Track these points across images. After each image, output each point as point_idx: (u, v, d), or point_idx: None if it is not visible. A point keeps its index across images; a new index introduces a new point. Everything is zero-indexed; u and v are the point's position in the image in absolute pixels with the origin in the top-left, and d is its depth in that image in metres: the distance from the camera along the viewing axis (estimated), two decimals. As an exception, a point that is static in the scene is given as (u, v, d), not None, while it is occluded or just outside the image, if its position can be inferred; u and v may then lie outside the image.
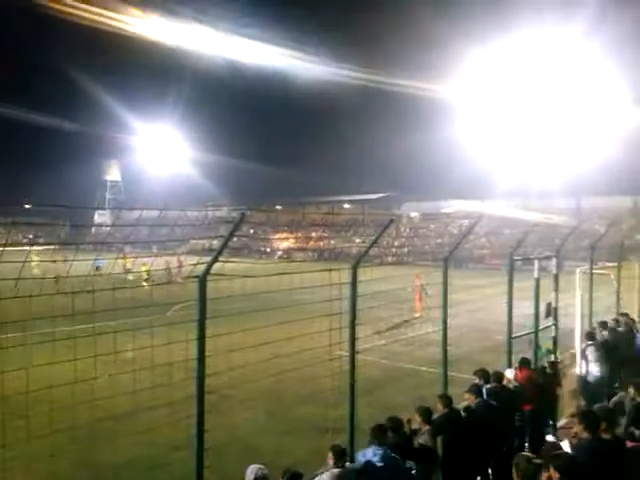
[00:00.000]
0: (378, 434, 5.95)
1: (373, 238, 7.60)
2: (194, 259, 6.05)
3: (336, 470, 5.71)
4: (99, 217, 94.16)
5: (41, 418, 7.87)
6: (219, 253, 5.72)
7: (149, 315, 7.70)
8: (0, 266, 4.74)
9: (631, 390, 7.55)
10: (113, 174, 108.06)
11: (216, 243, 5.96)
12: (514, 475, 4.48)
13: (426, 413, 6.76)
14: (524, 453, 5.21)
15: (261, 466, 5.12)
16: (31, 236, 78.17)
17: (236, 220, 5.65)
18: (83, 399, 7.46)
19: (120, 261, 26.38)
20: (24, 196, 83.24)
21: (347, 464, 5.93)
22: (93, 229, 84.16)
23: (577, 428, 5.50)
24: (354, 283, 7.24)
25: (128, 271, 29.63)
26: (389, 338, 17.45)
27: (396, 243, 55.04)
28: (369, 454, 5.87)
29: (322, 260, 48.79)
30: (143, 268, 30.12)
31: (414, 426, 6.74)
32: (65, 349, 6.23)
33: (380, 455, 5.80)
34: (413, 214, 73.61)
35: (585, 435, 5.28)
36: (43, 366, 5.97)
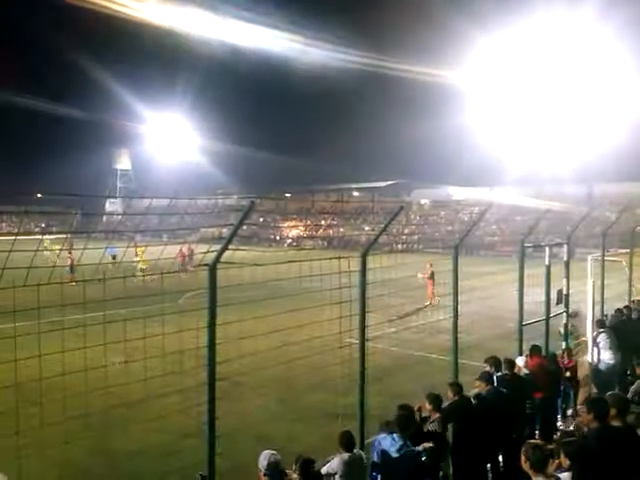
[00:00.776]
0: (403, 423, 5.94)
1: (382, 226, 7.57)
2: (204, 247, 6.06)
3: (346, 455, 5.75)
4: (110, 206, 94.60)
5: (54, 405, 7.95)
6: (229, 241, 5.73)
7: (160, 303, 7.74)
8: (13, 255, 4.76)
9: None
10: (123, 163, 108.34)
11: (226, 231, 5.96)
12: (523, 463, 4.48)
13: (436, 400, 6.77)
14: (533, 441, 5.20)
15: (274, 452, 5.16)
16: (43, 225, 78.73)
17: (245, 208, 5.65)
18: (96, 387, 7.53)
19: (132, 249, 26.47)
20: (35, 185, 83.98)
21: (356, 450, 5.97)
22: (104, 218, 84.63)
23: (584, 416, 5.48)
24: (364, 271, 7.23)
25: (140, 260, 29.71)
26: (399, 326, 17.45)
27: (406, 231, 54.91)
28: (387, 443, 5.87)
29: (331, 248, 48.80)
30: (138, 258, 27.69)
31: (424, 414, 6.76)
32: (76, 337, 6.28)
33: (399, 445, 5.79)
34: (423, 201, 73.32)
35: (594, 423, 5.26)
36: (55, 354, 6.02)
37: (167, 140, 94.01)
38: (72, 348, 6.05)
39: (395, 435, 5.84)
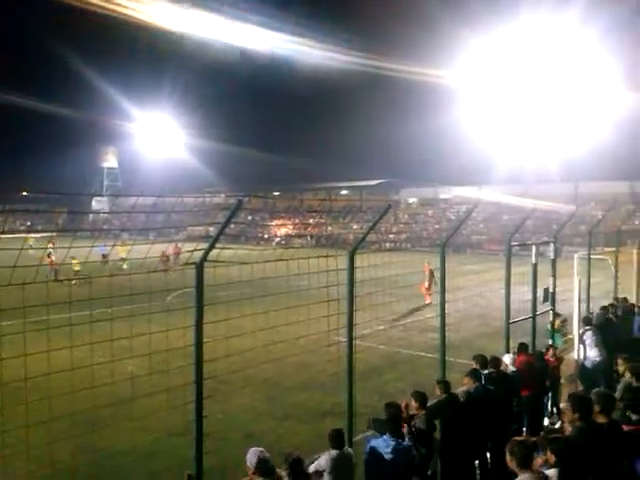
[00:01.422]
0: (393, 425, 5.94)
1: (370, 224, 7.58)
2: (191, 246, 6.03)
3: (334, 452, 5.76)
4: (97, 204, 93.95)
5: (40, 405, 7.88)
6: (216, 240, 5.71)
7: (147, 302, 7.69)
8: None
9: (627, 373, 7.61)
10: (110, 161, 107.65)
11: (213, 230, 5.94)
12: (509, 461, 4.50)
13: (421, 398, 6.79)
14: (517, 437, 5.23)
15: (262, 449, 5.14)
16: (29, 223, 78.02)
17: (233, 206, 5.63)
18: (82, 386, 7.44)
19: (119, 248, 26.28)
20: (21, 183, 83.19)
21: (345, 448, 5.97)
22: (90, 216, 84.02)
23: (568, 414, 5.52)
24: (351, 269, 7.24)
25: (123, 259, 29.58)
26: (387, 324, 17.48)
27: (394, 229, 55.11)
28: (378, 444, 5.86)
29: (320, 246, 48.78)
30: (74, 261, 25.01)
31: (411, 411, 6.77)
32: (62, 336, 6.22)
33: (392, 447, 5.79)
34: (411, 200, 73.56)
35: (578, 422, 5.31)
36: (41, 354, 5.96)
37: (154, 138, 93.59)
38: (58, 347, 5.99)
39: (386, 437, 5.84)
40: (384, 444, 5.81)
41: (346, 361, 7.24)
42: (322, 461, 5.72)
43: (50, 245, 25.50)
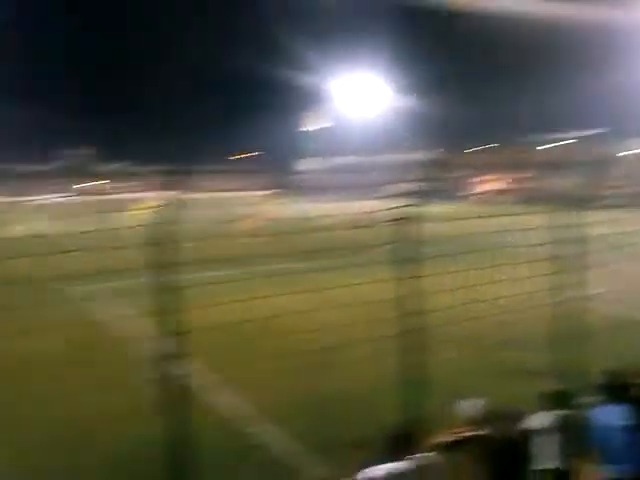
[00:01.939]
0: (619, 391, 5.61)
1: (590, 178, 7.03)
2: (393, 203, 6.18)
3: (557, 412, 5.56)
4: (305, 165, 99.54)
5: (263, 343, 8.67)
6: (418, 196, 5.79)
7: (356, 256, 8.11)
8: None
9: None
10: (316, 122, 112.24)
11: (414, 186, 6.02)
12: None
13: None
14: None
15: (480, 401, 5.14)
16: (244, 184, 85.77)
17: (434, 163, 5.64)
18: (296, 330, 8.06)
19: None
20: (234, 146, 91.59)
21: (567, 409, 5.75)
22: (301, 176, 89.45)
23: None
24: (578, 226, 6.86)
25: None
26: (616, 286, 15.98)
27: (618, 184, 49.83)
28: (608, 412, 5.56)
29: (529, 203, 46.06)
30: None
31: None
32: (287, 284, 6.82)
33: (619, 413, 5.46)
34: (631, 152, 65.53)
35: None
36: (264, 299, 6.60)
37: (358, 97, 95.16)
38: (280, 294, 6.60)
39: (616, 405, 5.50)
40: (612, 411, 5.49)
41: (558, 321, 6.91)
42: (544, 419, 5.56)
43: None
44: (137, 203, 45.42)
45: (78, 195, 79.05)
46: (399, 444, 4.17)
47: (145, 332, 11.24)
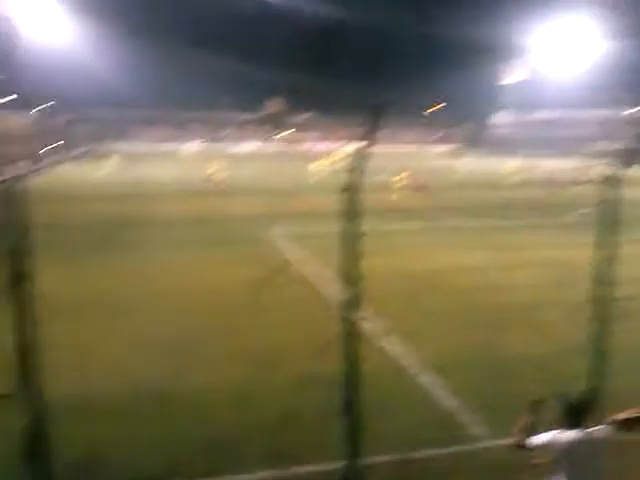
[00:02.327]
0: None
1: None
2: (592, 162, 5.74)
3: None
4: (499, 119, 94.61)
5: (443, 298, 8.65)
6: (621, 157, 5.33)
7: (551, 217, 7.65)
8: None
9: None
10: (513, 75, 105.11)
11: (618, 145, 5.53)
12: None
13: None
14: None
15: None
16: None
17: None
18: (479, 287, 7.87)
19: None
20: (436, 96, 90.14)
21: None
22: (493, 130, 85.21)
23: None
24: None
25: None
26: None
27: None
28: None
29: None
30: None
31: None
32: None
33: None
34: None
35: None
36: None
37: (560, 47, 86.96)
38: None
39: None
40: None
41: None
42: None
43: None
44: (328, 153, 47.13)
45: (279, 142, 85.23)
46: (575, 413, 4.01)
47: (330, 275, 11.84)
